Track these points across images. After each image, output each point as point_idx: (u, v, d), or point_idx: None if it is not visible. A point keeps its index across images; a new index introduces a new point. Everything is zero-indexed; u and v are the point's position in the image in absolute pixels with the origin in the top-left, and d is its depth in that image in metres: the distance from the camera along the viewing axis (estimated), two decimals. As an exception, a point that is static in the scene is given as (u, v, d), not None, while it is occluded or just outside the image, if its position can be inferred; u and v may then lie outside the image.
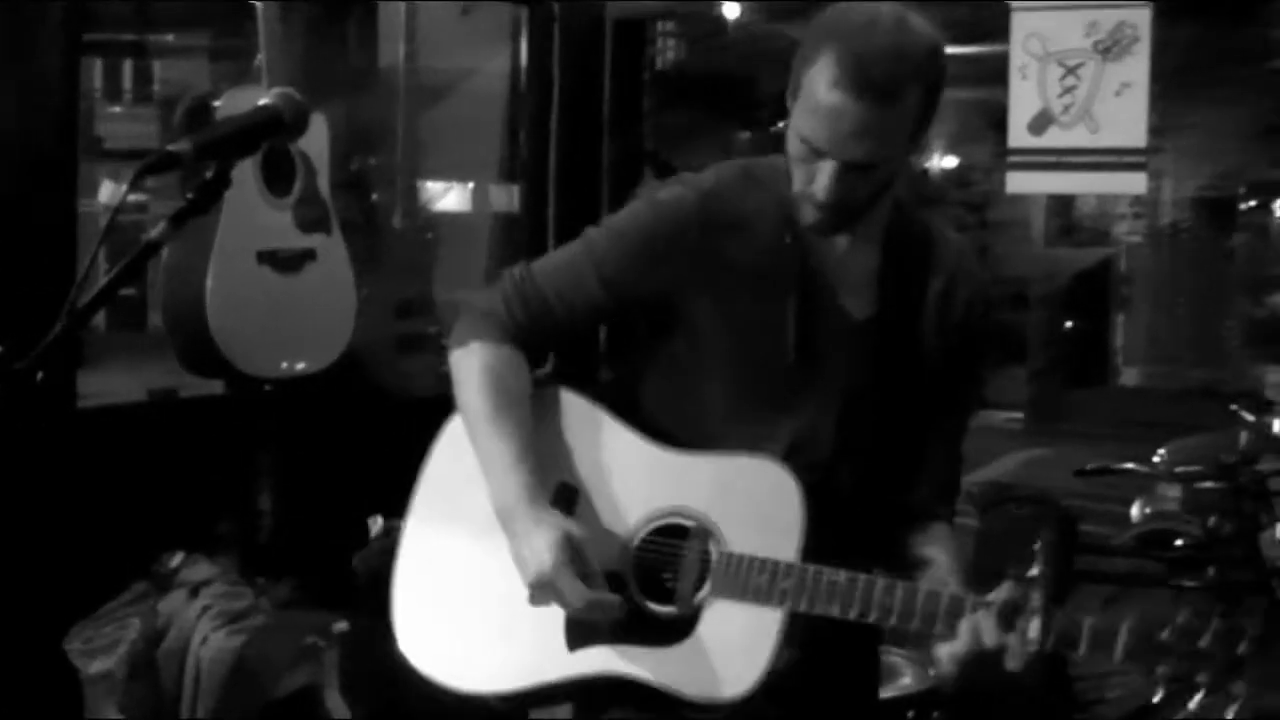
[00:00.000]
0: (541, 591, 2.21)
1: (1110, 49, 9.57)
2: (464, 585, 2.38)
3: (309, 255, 4.15)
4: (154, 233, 1.93)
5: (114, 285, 1.90)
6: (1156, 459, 7.74)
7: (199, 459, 4.38)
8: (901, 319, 2.37)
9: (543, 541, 2.20)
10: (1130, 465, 7.47)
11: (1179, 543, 7.07)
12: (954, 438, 2.49)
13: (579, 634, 2.27)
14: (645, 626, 2.26)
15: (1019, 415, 18.05)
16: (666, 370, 2.43)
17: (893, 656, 3.89)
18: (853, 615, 2.17)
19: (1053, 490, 5.34)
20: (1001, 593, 2.12)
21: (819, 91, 2.13)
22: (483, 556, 2.34)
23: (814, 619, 2.19)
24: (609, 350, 2.69)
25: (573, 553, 2.20)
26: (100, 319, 2.29)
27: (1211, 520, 6.71)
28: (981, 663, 2.11)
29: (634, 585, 2.28)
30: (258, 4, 4.02)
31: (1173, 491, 7.62)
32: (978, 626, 2.10)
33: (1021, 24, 9.96)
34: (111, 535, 4.03)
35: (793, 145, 2.22)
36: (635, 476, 2.34)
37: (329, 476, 4.59)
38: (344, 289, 4.32)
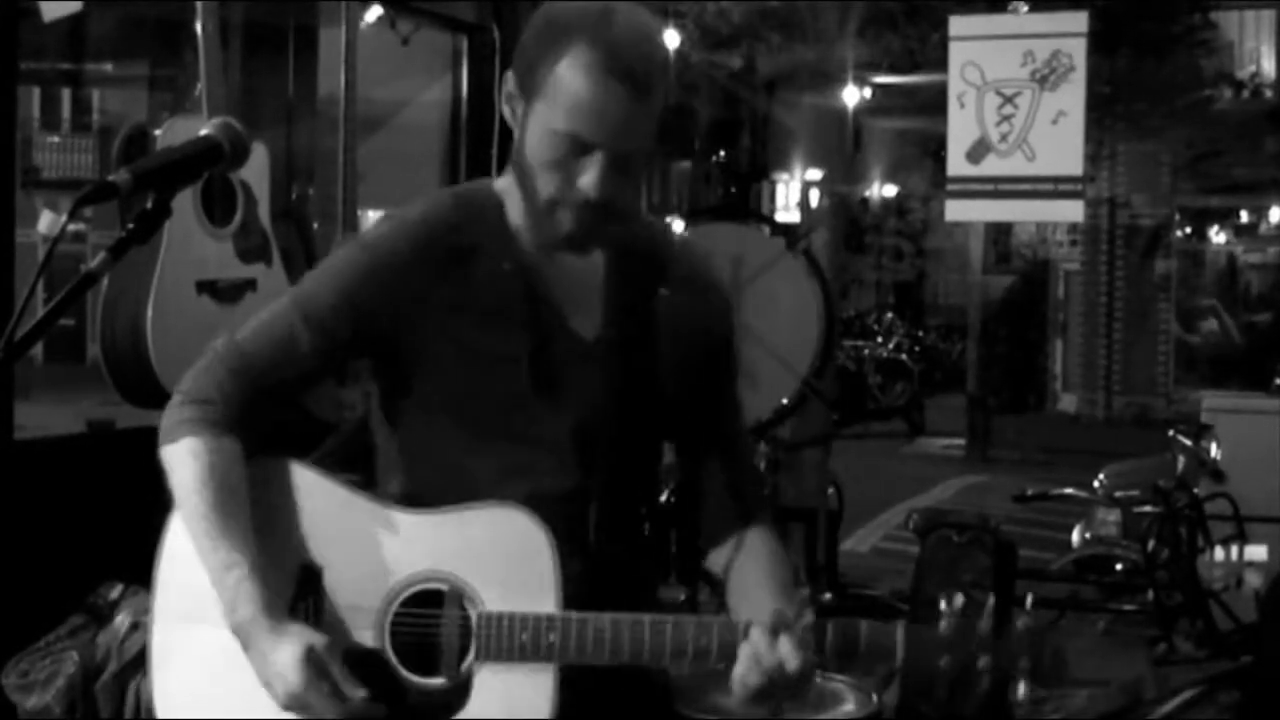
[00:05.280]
0: (296, 710, 2.08)
1: (1046, 78, 9.66)
2: (224, 687, 2.20)
3: (249, 285, 4.13)
4: (93, 263, 1.93)
5: (52, 316, 1.89)
6: (1096, 484, 7.83)
7: (138, 490, 4.34)
8: (632, 334, 2.28)
9: (287, 660, 2.06)
10: (1069, 490, 7.57)
11: (1118, 567, 7.15)
12: (734, 447, 2.42)
13: None
14: (416, 702, 2.15)
15: (958, 442, 18.18)
16: (408, 418, 2.32)
17: (835, 683, 3.89)
18: (625, 659, 2.09)
19: (992, 516, 5.38)
20: (771, 615, 2.09)
21: (577, 82, 2.08)
22: (238, 662, 2.15)
23: (594, 679, 2.13)
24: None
25: (320, 666, 2.07)
26: (38, 350, 2.27)
27: (1150, 544, 6.79)
28: (774, 687, 2.06)
29: (395, 662, 2.16)
30: (197, 33, 4.01)
31: (1112, 516, 7.71)
32: (756, 648, 2.05)
33: (960, 53, 10.04)
34: (49, 567, 3.99)
35: (543, 147, 2.13)
36: (379, 545, 2.20)
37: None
38: (284, 319, 4.30)
